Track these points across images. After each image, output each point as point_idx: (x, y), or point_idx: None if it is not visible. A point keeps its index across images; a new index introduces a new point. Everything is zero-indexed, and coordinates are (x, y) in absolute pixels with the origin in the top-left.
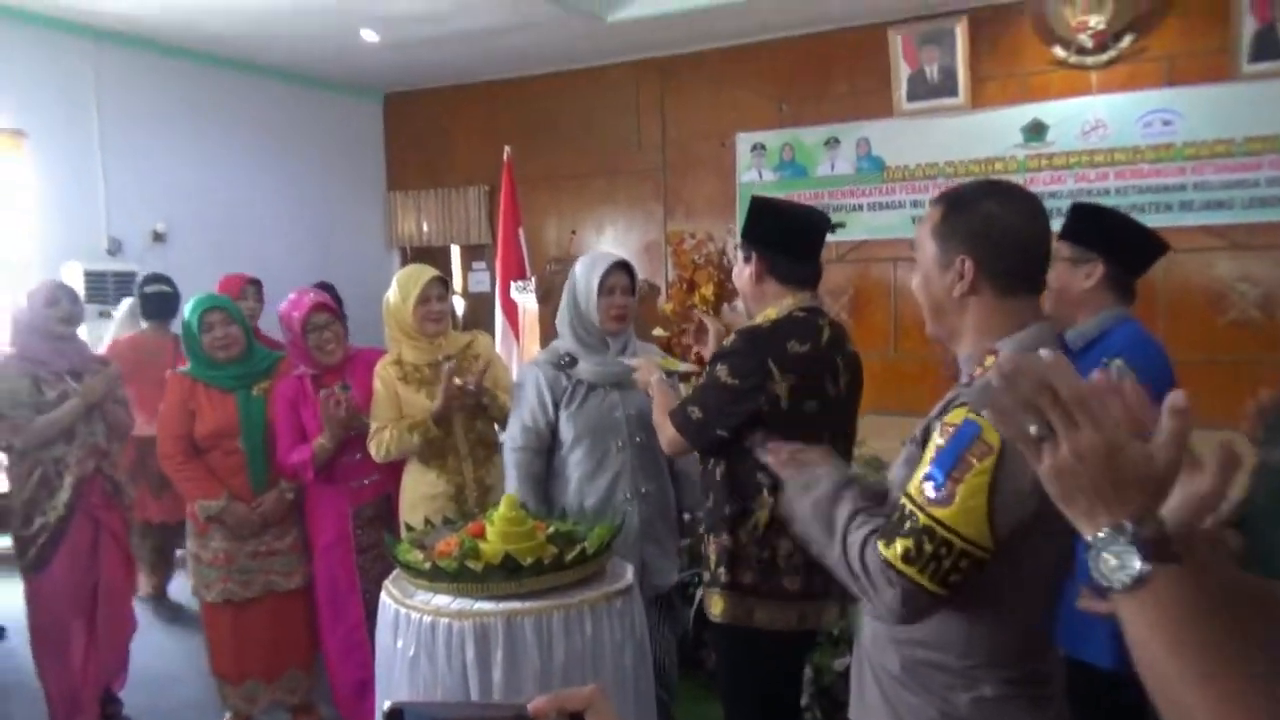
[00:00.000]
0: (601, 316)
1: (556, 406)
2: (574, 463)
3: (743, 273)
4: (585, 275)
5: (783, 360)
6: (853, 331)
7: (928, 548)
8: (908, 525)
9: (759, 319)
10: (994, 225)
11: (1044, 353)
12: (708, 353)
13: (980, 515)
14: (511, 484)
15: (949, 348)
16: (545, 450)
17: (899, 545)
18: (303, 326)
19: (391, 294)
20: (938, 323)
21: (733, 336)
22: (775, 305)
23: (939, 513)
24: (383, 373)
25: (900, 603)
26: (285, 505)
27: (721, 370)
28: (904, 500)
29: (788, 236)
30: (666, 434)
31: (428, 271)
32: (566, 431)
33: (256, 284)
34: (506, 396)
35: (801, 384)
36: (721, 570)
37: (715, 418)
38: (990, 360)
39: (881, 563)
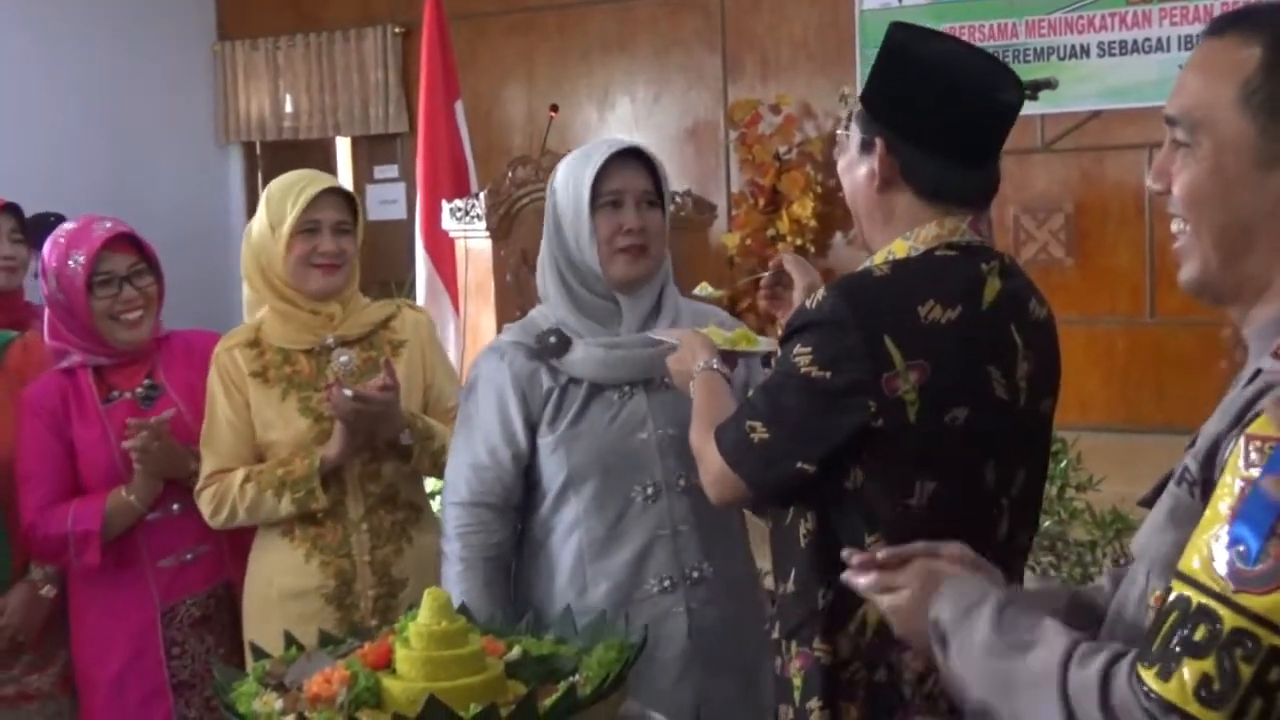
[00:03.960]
0: (602, 252)
1: (534, 427)
2: (564, 526)
3: (855, 167)
4: (570, 179)
5: (910, 336)
6: (1072, 279)
7: (1244, 671)
8: (1200, 633)
9: (876, 259)
10: None
11: None
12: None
13: None
14: (450, 572)
15: (1230, 309)
16: (513, 508)
17: (1187, 672)
18: (88, 277)
19: (257, 221)
20: (1231, 259)
21: (821, 292)
22: (906, 235)
23: (1260, 602)
24: (225, 361)
25: None
26: (44, 610)
27: (802, 355)
28: (1178, 589)
29: (941, 113)
30: (709, 466)
31: (318, 180)
32: (552, 471)
33: (14, 213)
34: (450, 426)
35: (942, 380)
36: (814, 704)
37: (791, 441)
38: None
39: (1156, 706)
